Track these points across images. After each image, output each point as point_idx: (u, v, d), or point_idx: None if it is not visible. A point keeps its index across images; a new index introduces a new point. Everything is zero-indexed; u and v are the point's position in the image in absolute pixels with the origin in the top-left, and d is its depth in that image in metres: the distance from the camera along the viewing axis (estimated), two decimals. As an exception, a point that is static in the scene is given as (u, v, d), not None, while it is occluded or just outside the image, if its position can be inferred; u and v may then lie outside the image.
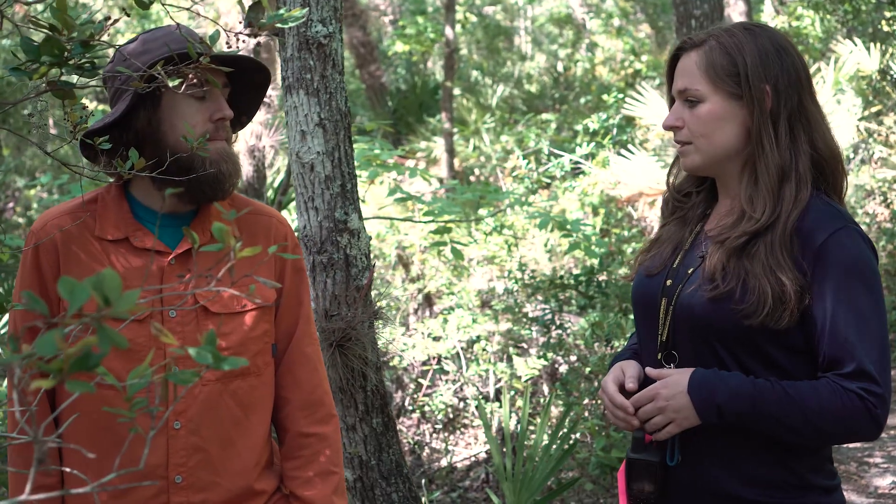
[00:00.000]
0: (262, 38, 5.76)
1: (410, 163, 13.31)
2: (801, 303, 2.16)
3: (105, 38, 2.01)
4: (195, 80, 2.15)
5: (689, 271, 2.29)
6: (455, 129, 13.81)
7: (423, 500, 4.48)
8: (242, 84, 2.45)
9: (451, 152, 13.37)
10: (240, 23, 1.87)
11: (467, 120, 14.36)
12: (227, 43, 2.16)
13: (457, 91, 15.31)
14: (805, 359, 2.22)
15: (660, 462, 2.28)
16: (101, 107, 12.64)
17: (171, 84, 1.93)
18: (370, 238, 3.44)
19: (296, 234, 3.45)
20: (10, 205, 12.42)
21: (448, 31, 13.47)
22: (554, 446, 4.49)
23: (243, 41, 2.03)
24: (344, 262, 3.34)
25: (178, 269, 2.34)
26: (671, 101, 2.38)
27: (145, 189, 2.39)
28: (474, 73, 17.54)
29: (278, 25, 1.81)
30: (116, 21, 1.97)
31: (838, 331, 2.15)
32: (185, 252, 2.36)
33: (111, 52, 2.35)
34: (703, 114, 2.27)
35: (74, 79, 2.15)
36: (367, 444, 3.44)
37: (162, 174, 2.26)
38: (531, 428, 5.52)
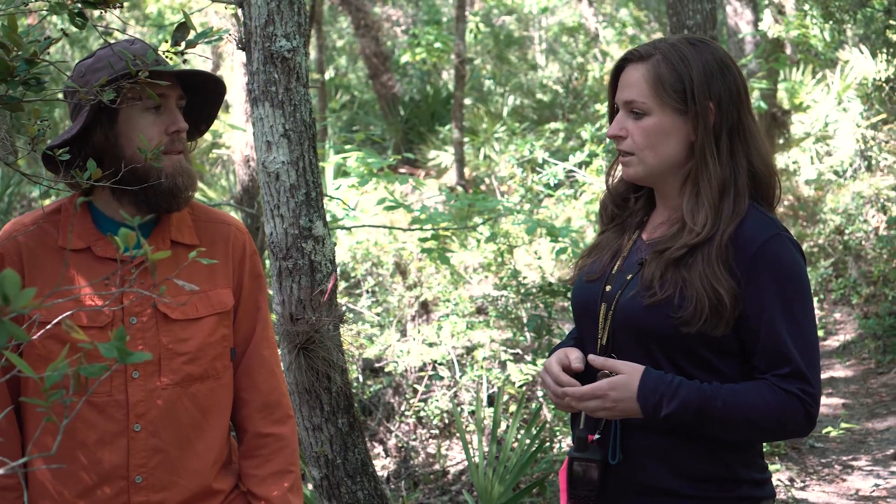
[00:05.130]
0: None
1: (420, 172, 13.44)
2: (736, 311, 2.25)
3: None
4: (132, 96, 2.28)
5: (628, 277, 2.38)
6: (466, 139, 13.91)
7: (402, 500, 4.58)
8: (202, 95, 2.58)
9: (461, 161, 13.46)
10: (173, 42, 2.00)
11: (478, 129, 14.45)
12: (166, 61, 2.27)
13: (469, 101, 15.40)
14: (738, 361, 2.31)
15: (601, 461, 2.36)
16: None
17: (105, 99, 2.06)
18: (334, 244, 3.56)
19: (266, 239, 3.57)
20: (27, 214, 12.58)
21: (458, 41, 13.59)
22: (527, 444, 4.59)
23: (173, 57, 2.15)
24: (309, 268, 3.47)
25: (139, 277, 2.46)
26: (613, 111, 2.47)
27: (106, 200, 2.51)
28: (487, 83, 17.64)
29: (202, 43, 1.94)
30: (57, 41, 2.10)
31: (774, 335, 2.25)
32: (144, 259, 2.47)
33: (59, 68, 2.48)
34: (649, 127, 2.34)
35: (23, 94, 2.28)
36: (333, 443, 3.56)
37: (119, 185, 2.39)
38: (511, 431, 5.62)
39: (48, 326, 1.83)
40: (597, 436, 2.38)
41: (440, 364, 7.13)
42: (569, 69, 18.05)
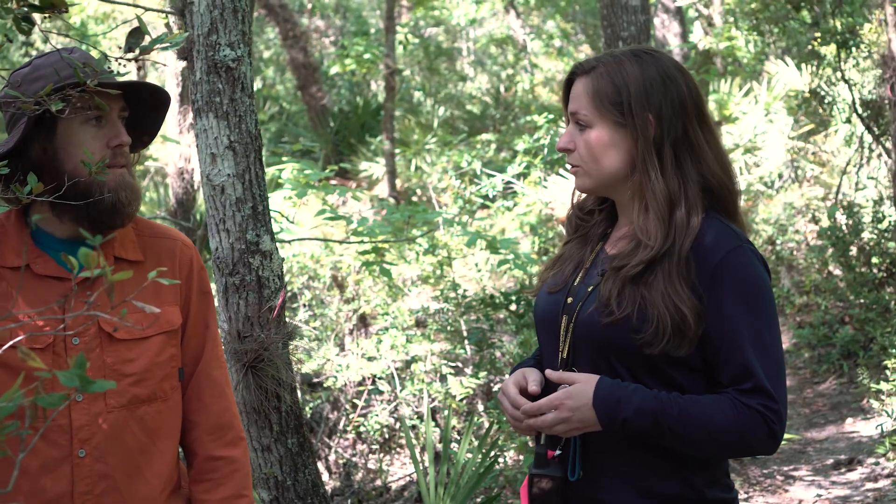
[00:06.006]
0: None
1: (352, 184, 13.32)
2: (700, 329, 2.20)
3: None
4: (80, 105, 2.16)
5: (589, 289, 2.33)
6: (397, 150, 13.84)
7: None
8: (143, 106, 2.46)
9: (393, 173, 13.39)
10: (119, 47, 1.89)
11: (409, 141, 14.40)
12: (112, 70, 2.17)
13: (399, 112, 15.34)
14: (702, 376, 2.26)
15: (561, 477, 2.31)
16: None
17: (54, 108, 1.94)
18: (283, 259, 3.46)
19: (210, 255, 3.46)
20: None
21: (388, 52, 13.52)
22: (478, 461, 4.52)
23: (125, 66, 2.06)
24: (256, 284, 3.36)
25: (81, 295, 2.34)
26: (567, 123, 2.43)
27: (44, 216, 2.39)
28: (417, 94, 17.60)
29: (157, 49, 1.83)
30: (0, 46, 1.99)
31: (735, 349, 2.20)
32: (87, 277, 2.35)
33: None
34: (591, 140, 2.31)
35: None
36: (283, 464, 3.45)
37: (61, 201, 2.26)
38: (457, 446, 5.55)
39: (-2, 351, 1.72)
40: (557, 452, 2.32)
41: (380, 378, 7.04)
42: (497, 80, 18.10)
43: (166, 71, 7.03)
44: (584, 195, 2.52)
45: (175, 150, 6.86)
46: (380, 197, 12.68)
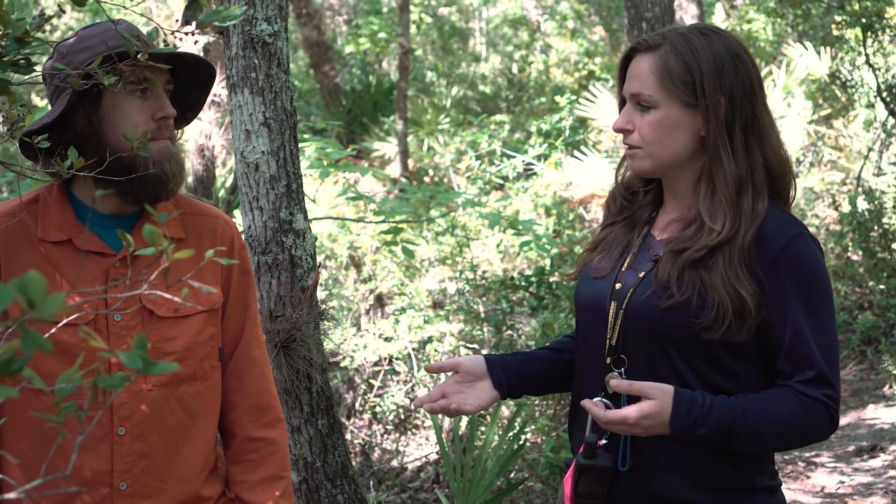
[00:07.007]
0: (211, 38, 5.70)
1: (364, 163, 13.28)
2: (759, 315, 2.15)
3: (46, 33, 1.98)
4: (133, 79, 2.12)
5: (640, 275, 2.26)
6: (410, 130, 13.78)
7: (371, 500, 4.45)
8: (187, 80, 2.42)
9: (406, 153, 13.33)
10: (176, 21, 1.84)
11: (422, 121, 14.33)
12: (164, 41, 2.12)
13: (412, 92, 15.27)
14: (756, 365, 2.22)
15: (611, 468, 2.24)
16: (44, 101, 12.48)
17: (106, 82, 1.90)
18: (316, 238, 3.42)
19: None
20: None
21: (403, 31, 13.45)
22: (504, 447, 4.49)
23: (182, 40, 2.02)
24: (289, 263, 3.32)
25: (124, 271, 2.30)
26: (622, 102, 2.34)
27: (87, 190, 2.35)
28: (429, 74, 17.52)
29: (216, 24, 1.78)
30: (51, 18, 1.94)
31: (799, 339, 2.15)
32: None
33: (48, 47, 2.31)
34: (656, 120, 2.23)
35: (12, 76, 2.11)
36: (313, 445, 3.42)
37: (103, 174, 2.22)
38: (482, 429, 5.53)
39: (52, 330, 1.68)
40: (603, 441, 2.27)
41: (397, 359, 7.01)
42: (510, 61, 18.02)
43: (188, 45, 6.96)
44: (629, 174, 2.45)
45: (195, 127, 6.81)
46: (392, 177, 12.63)
